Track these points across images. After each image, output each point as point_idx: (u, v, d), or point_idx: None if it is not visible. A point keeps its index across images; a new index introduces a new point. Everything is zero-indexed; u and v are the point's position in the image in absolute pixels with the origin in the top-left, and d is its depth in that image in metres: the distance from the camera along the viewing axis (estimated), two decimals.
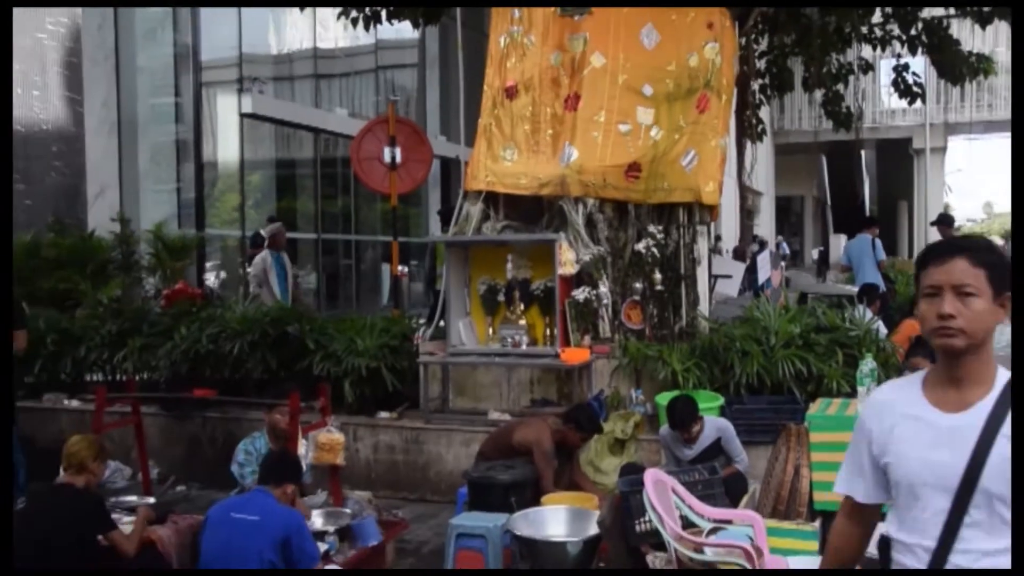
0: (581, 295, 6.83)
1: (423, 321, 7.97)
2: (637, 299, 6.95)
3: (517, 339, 6.85)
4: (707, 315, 7.18)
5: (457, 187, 8.68)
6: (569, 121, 7.19)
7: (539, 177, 7.10)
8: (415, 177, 9.08)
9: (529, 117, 7.29)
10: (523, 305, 6.99)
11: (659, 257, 6.95)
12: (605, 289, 6.89)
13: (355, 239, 14.90)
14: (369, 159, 8.80)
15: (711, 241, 8.26)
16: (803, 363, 6.17)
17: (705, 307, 7.23)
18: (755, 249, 14.12)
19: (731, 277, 9.48)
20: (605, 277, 6.93)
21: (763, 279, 10.22)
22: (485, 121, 7.43)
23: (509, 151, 7.27)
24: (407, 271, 14.17)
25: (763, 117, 13.30)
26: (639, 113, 7.13)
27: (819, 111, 14.10)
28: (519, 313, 6.97)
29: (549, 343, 6.84)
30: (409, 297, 13.00)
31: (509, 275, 7.02)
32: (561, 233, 6.85)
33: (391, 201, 8.98)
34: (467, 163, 7.61)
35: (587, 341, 6.78)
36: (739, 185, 11.62)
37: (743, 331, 6.53)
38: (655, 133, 7.09)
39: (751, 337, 6.41)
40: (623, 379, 6.70)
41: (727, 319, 7.17)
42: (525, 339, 6.87)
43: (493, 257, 7.13)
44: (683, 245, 7.00)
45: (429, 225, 15.52)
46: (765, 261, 10.59)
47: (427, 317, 8.15)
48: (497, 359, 6.86)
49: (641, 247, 6.94)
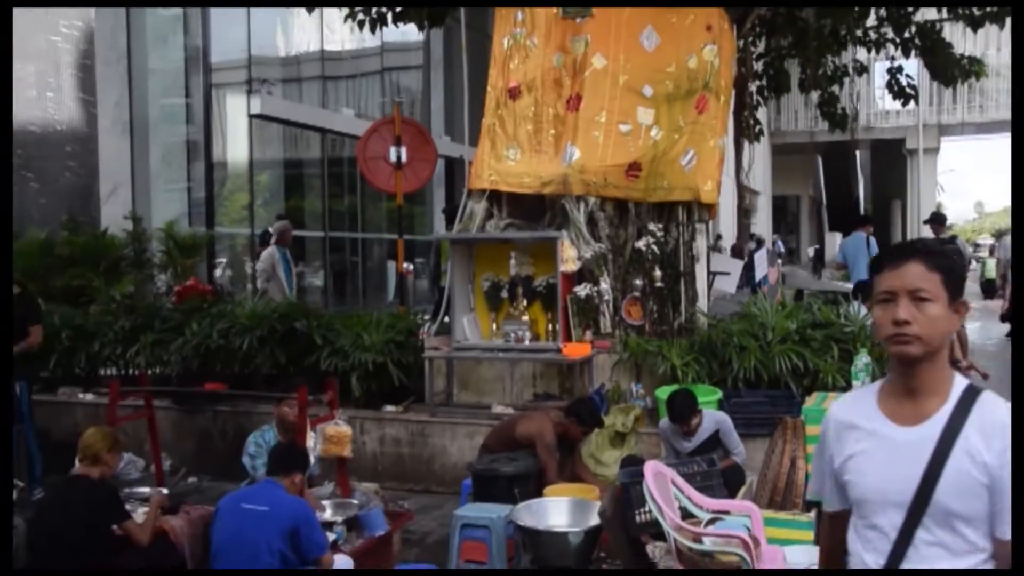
0: (583, 291, 6.83)
1: (428, 317, 7.97)
2: (637, 295, 6.95)
3: (520, 334, 6.85)
4: (706, 311, 7.17)
5: (461, 186, 8.65)
6: (571, 121, 7.19)
7: (541, 176, 7.10)
8: (420, 176, 9.07)
9: (532, 117, 7.29)
10: (526, 301, 6.99)
11: (659, 254, 6.95)
12: (606, 286, 6.89)
13: (361, 237, 14.88)
14: (375, 159, 8.79)
15: (711, 239, 8.25)
16: (799, 358, 6.16)
17: (704, 303, 7.23)
18: (752, 247, 14.10)
19: (729, 274, 9.47)
20: (606, 274, 6.93)
21: (760, 276, 10.20)
22: (489, 121, 7.43)
23: (512, 151, 7.27)
24: (412, 268, 14.18)
25: (760, 118, 13.28)
26: (639, 113, 7.12)
27: (815, 112, 14.09)
28: (522, 309, 6.97)
29: (551, 338, 6.84)
30: (414, 293, 13.00)
31: (512, 272, 7.02)
32: (563, 231, 6.85)
33: (397, 200, 8.97)
34: (471, 162, 7.60)
35: (588, 336, 6.78)
36: (737, 184, 11.62)
37: (741, 327, 6.52)
38: (655, 133, 7.08)
39: (749, 333, 6.41)
40: (624, 374, 6.70)
41: (725, 315, 7.17)
42: (528, 334, 6.87)
43: (496, 254, 7.13)
44: (682, 243, 7.00)
45: (434, 223, 15.50)
46: (762, 259, 10.57)
47: (432, 313, 8.14)
48: (500, 354, 6.86)
49: (641, 245, 6.93)
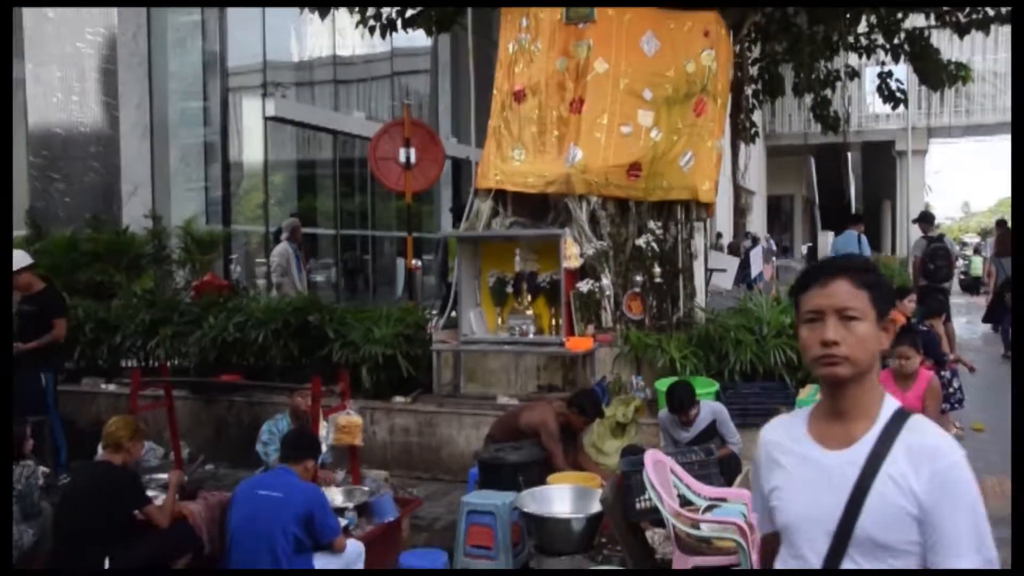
0: (585, 287, 6.81)
1: (436, 311, 7.96)
2: (637, 291, 6.92)
3: (524, 328, 6.83)
4: (703, 306, 7.15)
5: (468, 185, 8.65)
6: (574, 123, 7.16)
7: (545, 176, 7.07)
8: (428, 176, 9.06)
9: (536, 119, 7.26)
10: (530, 296, 6.98)
11: (658, 252, 6.93)
12: (607, 282, 6.87)
13: (372, 235, 14.87)
14: (385, 159, 8.78)
15: (712, 237, 8.23)
16: (793, 351, 6.14)
17: (701, 299, 7.21)
18: (748, 245, 14.06)
19: (726, 271, 9.44)
20: (607, 270, 6.90)
21: (755, 273, 10.17)
22: (494, 123, 7.41)
23: (517, 151, 7.24)
24: (421, 265, 14.14)
25: (756, 120, 13.24)
26: (640, 116, 7.09)
27: (808, 115, 14.03)
28: (526, 304, 6.95)
29: (555, 332, 6.82)
30: (423, 289, 12.97)
31: (517, 268, 7.01)
32: (566, 229, 6.83)
33: (406, 199, 8.96)
34: (477, 163, 7.58)
35: (590, 330, 6.76)
36: (733, 184, 11.59)
37: (737, 321, 6.50)
38: (655, 135, 7.05)
39: (745, 327, 6.39)
40: (624, 366, 6.68)
41: (722, 310, 7.14)
42: (532, 328, 6.85)
43: (502, 251, 7.11)
44: (681, 240, 6.99)
45: (441, 221, 15.49)
46: (757, 256, 10.54)
47: (440, 308, 8.13)
48: (506, 347, 6.84)
49: (641, 242, 6.91)
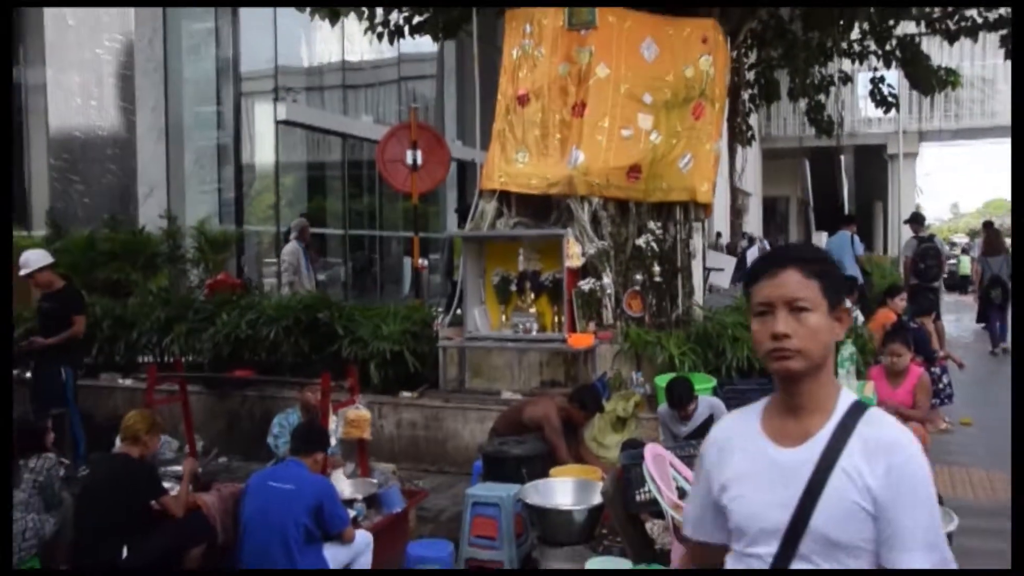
0: (586, 286, 6.79)
1: (442, 309, 7.94)
2: (637, 289, 6.91)
3: (528, 325, 6.82)
4: (701, 304, 7.13)
5: (473, 187, 8.63)
6: (576, 126, 7.14)
7: (548, 178, 7.06)
8: (435, 178, 9.04)
9: (539, 123, 7.25)
10: (533, 295, 6.96)
11: (658, 251, 6.92)
12: (608, 280, 6.85)
13: (379, 234, 14.86)
14: (393, 161, 8.76)
15: (712, 237, 8.22)
16: None
17: (700, 297, 7.19)
18: (745, 245, 14.05)
19: (723, 270, 9.43)
20: (608, 269, 6.89)
21: None
22: (499, 126, 7.39)
23: (521, 154, 7.23)
24: (427, 264, 14.15)
25: (752, 124, 13.24)
26: (640, 119, 7.08)
27: (803, 119, 14.04)
28: (530, 302, 6.94)
29: (557, 329, 6.81)
30: (429, 287, 12.97)
31: (521, 267, 7.00)
32: (568, 229, 6.82)
33: (412, 200, 8.94)
34: (482, 165, 7.57)
35: (592, 327, 6.75)
36: (730, 186, 11.57)
37: (734, 319, 6.48)
38: (654, 138, 7.04)
39: (742, 324, 6.36)
40: (624, 362, 6.67)
41: (720, 308, 7.13)
42: (535, 325, 6.84)
43: (506, 251, 7.10)
44: (680, 240, 6.98)
45: (447, 221, 15.47)
46: (754, 256, 10.52)
47: (445, 305, 8.12)
48: (509, 344, 6.83)
49: (641, 242, 6.90)
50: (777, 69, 12.35)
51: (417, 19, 9.82)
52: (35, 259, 6.62)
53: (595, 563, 4.06)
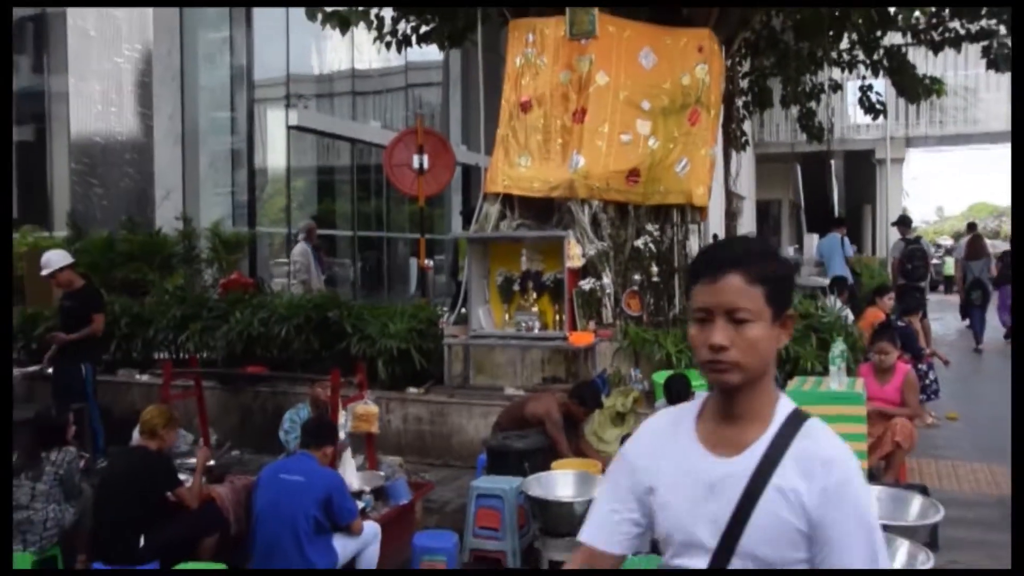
0: (587, 285, 6.77)
1: (447, 308, 7.93)
2: (636, 289, 6.89)
3: (530, 324, 6.80)
4: None
5: (477, 190, 8.61)
6: (577, 132, 7.12)
7: (550, 181, 7.04)
8: (440, 181, 9.02)
9: (541, 128, 7.23)
10: (535, 294, 6.94)
11: (655, 252, 6.90)
12: (608, 280, 6.83)
13: (387, 236, 14.85)
14: (400, 165, 8.75)
15: (709, 239, 8.18)
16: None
17: None
18: None
19: None
20: (608, 270, 6.87)
21: None
22: (502, 132, 7.37)
23: (524, 158, 7.21)
24: (433, 264, 14.13)
25: (746, 130, 13.19)
26: (638, 125, 7.06)
27: (795, 125, 13.99)
28: (532, 301, 6.92)
29: (558, 328, 6.79)
30: (434, 287, 12.95)
31: (523, 267, 6.98)
32: (569, 231, 6.80)
33: (419, 202, 8.93)
34: (486, 169, 7.55)
35: (592, 326, 6.72)
36: (725, 190, 11.53)
37: None
38: (652, 143, 7.02)
39: None
40: (624, 360, 6.65)
41: None
42: (537, 324, 6.82)
43: (509, 252, 7.08)
44: (677, 241, 6.96)
45: (452, 223, 15.46)
46: None
47: (451, 304, 8.11)
48: (512, 341, 6.82)
49: (640, 243, 6.88)
50: (770, 77, 12.33)
51: (424, 28, 9.80)
52: (56, 259, 6.61)
53: None
